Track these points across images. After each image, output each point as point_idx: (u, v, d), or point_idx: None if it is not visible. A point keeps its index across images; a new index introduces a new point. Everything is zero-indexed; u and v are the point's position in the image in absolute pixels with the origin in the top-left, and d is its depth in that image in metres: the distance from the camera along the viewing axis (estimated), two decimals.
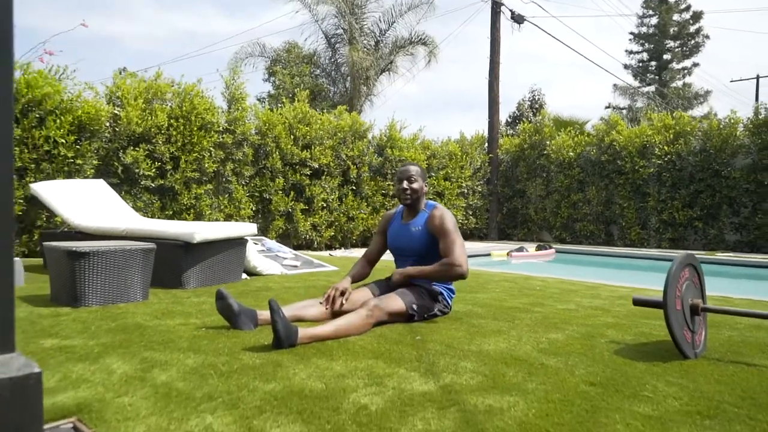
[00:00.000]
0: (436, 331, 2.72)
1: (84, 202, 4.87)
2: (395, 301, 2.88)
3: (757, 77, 28.28)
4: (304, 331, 2.43)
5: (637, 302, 2.53)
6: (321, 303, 2.95)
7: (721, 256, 8.71)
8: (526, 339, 2.60)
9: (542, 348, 2.44)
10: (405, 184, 3.15)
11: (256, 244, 5.91)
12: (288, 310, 2.88)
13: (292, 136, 8.86)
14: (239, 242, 4.44)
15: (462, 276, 2.93)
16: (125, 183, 6.94)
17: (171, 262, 3.96)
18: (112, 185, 6.65)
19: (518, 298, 3.85)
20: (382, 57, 17.54)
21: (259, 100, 19.57)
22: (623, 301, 3.84)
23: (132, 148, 6.94)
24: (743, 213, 9.54)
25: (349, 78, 17.28)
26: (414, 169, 3.20)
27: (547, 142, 11.75)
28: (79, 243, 3.27)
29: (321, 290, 3.91)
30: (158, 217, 7.20)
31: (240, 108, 8.22)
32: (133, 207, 6.85)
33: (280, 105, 9.65)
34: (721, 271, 7.91)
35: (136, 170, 6.90)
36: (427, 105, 49.47)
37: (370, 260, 3.33)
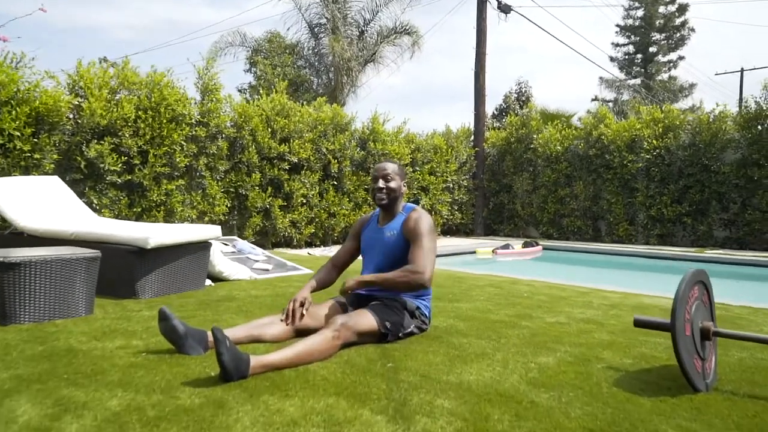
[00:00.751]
0: (411, 355, 2.39)
1: (34, 202, 4.46)
2: (366, 318, 2.54)
3: (741, 70, 28.24)
4: (257, 360, 2.10)
5: (639, 323, 2.22)
6: (282, 320, 2.62)
7: (710, 253, 8.50)
8: (513, 365, 2.28)
9: (531, 378, 2.13)
10: (381, 182, 2.81)
11: (226, 245, 5.55)
12: (245, 330, 2.55)
13: (269, 129, 8.46)
14: (202, 246, 4.08)
15: (423, 285, 2.60)
16: (89, 178, 6.52)
17: (124, 270, 3.60)
18: (74, 181, 6.26)
19: (504, 309, 3.54)
20: (366, 47, 17.13)
21: (240, 91, 19.07)
22: (617, 311, 3.55)
23: (96, 141, 6.50)
24: (732, 209, 9.33)
25: (332, 69, 16.86)
26: (391, 167, 2.86)
27: (534, 136, 11.46)
28: (10, 251, 2.89)
29: (290, 299, 3.57)
30: (126, 215, 6.79)
31: (214, 99, 7.80)
32: (98, 204, 6.45)
33: (257, 97, 9.23)
34: (711, 270, 7.67)
35: (101, 165, 6.48)
36: (413, 97, 49.09)
37: (338, 265, 2.99)
